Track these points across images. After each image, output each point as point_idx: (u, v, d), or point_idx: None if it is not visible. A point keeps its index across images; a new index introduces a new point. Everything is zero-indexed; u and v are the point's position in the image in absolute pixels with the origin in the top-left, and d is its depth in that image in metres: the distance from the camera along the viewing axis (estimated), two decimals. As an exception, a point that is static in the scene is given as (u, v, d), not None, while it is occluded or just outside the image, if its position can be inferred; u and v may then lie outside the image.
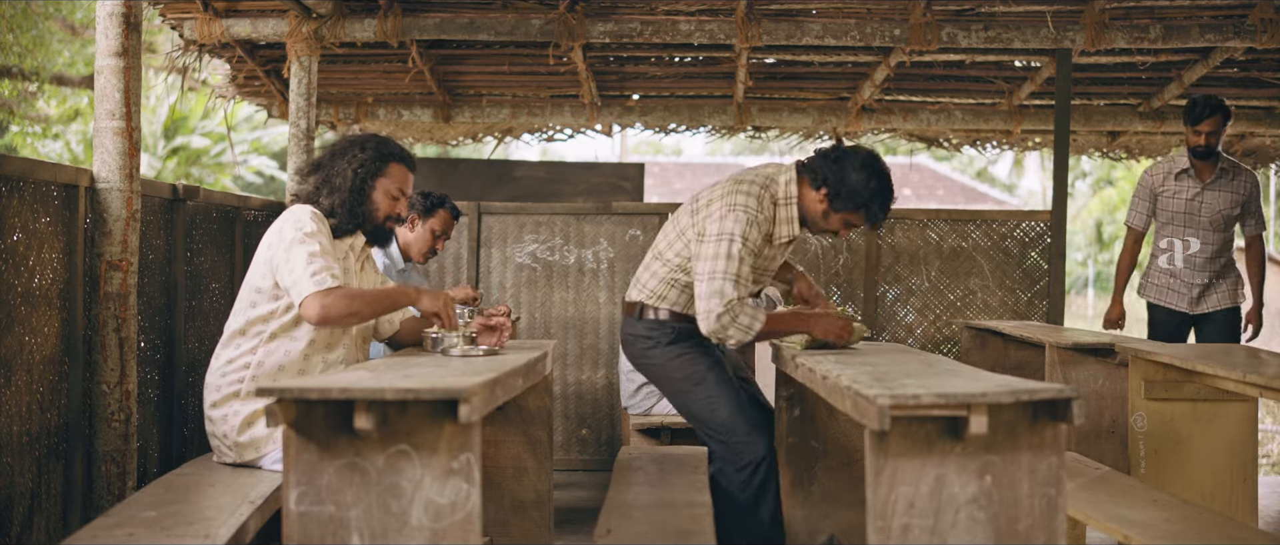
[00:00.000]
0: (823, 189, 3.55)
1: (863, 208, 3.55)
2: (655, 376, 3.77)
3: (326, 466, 2.37)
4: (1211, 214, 5.41)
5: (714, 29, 5.66)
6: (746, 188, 3.54)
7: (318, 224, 3.30)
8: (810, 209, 3.60)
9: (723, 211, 3.49)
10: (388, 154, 3.47)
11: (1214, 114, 5.27)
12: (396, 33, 5.53)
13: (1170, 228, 5.51)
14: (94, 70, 3.74)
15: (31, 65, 12.85)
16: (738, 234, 3.45)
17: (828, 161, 3.56)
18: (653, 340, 3.70)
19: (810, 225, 3.65)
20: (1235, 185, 5.42)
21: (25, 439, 3.23)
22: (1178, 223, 5.48)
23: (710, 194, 3.60)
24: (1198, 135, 5.30)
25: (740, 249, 3.44)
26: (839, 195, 3.53)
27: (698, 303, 3.48)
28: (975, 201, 23.96)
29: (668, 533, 3.06)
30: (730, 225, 3.46)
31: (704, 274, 3.46)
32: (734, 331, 3.45)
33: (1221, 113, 5.29)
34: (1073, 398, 2.30)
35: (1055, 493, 2.35)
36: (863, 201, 3.53)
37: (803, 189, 3.60)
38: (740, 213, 3.47)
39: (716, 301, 3.42)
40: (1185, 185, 5.45)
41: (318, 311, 3.13)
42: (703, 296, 3.46)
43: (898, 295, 6.76)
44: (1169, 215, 5.51)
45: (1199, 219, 5.42)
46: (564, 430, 6.69)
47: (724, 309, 3.42)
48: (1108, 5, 5.60)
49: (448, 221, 4.98)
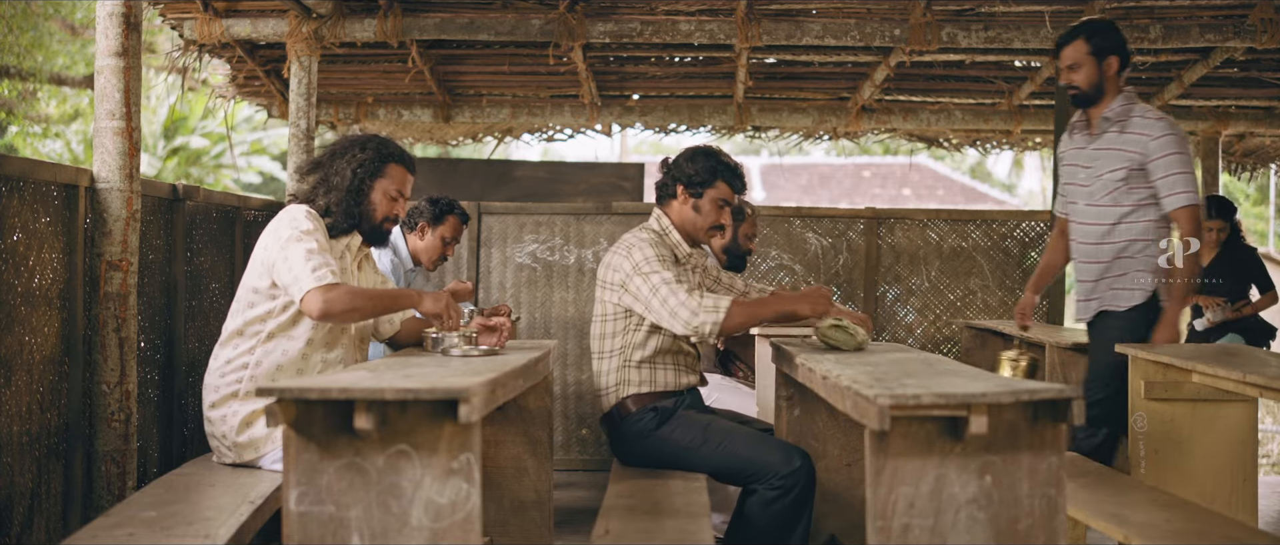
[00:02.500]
0: (678, 188, 3.77)
1: (716, 176, 3.75)
2: (666, 459, 3.73)
3: (326, 466, 2.37)
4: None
5: (714, 29, 5.66)
6: (629, 237, 3.75)
7: (313, 222, 3.30)
8: (685, 218, 3.79)
9: (623, 258, 3.67)
10: (387, 155, 3.47)
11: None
12: (396, 33, 5.53)
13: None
14: (94, 70, 3.74)
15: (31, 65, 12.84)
16: (649, 256, 3.62)
17: (666, 172, 3.82)
18: (642, 433, 3.72)
19: (697, 234, 3.81)
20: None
21: (25, 439, 3.23)
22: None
23: (607, 264, 3.75)
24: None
25: (659, 265, 3.60)
26: (692, 182, 3.75)
27: (662, 320, 3.55)
28: (975, 201, 23.95)
29: (667, 533, 3.06)
30: (638, 256, 3.63)
31: (649, 297, 3.57)
32: (704, 315, 3.48)
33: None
34: (1073, 398, 2.30)
35: (1055, 493, 2.35)
36: (712, 172, 3.75)
37: (668, 211, 3.82)
38: (640, 247, 3.66)
39: (674, 301, 3.52)
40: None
41: (320, 306, 3.13)
42: (662, 310, 3.54)
43: (898, 295, 6.76)
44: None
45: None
46: (564, 430, 6.69)
47: (683, 303, 3.50)
48: (1108, 5, 5.60)
49: (457, 227, 5.02)
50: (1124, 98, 4.10)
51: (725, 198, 3.78)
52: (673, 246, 3.77)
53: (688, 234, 3.81)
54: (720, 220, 3.80)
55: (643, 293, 3.58)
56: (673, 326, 3.53)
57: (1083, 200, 4.15)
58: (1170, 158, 3.96)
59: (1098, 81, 4.08)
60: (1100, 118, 4.10)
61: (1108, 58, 4.07)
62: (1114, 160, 4.04)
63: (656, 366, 3.73)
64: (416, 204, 4.96)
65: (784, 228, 6.88)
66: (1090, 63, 4.07)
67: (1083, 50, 4.07)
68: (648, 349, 3.70)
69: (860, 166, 24.57)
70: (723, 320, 3.48)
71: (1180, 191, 3.96)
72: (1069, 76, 4.11)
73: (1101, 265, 4.11)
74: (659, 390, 3.73)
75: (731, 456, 3.59)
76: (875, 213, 6.88)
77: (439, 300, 3.37)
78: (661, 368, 3.74)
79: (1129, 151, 4.01)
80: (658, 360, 3.72)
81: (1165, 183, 3.96)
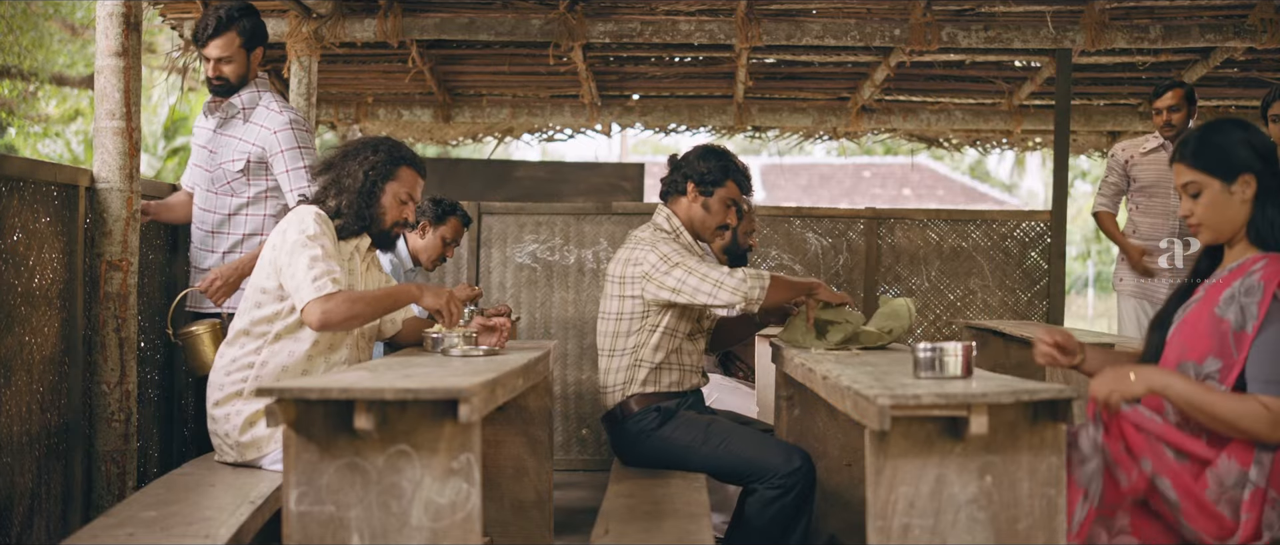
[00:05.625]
0: (689, 184, 3.78)
1: (727, 176, 3.77)
2: (667, 459, 3.74)
3: (326, 466, 2.37)
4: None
5: (714, 29, 5.66)
6: (645, 234, 3.74)
7: (321, 226, 3.29)
8: (693, 216, 3.80)
9: (647, 251, 3.66)
10: (399, 157, 3.47)
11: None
12: (396, 33, 5.53)
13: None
14: (94, 70, 3.74)
15: (31, 65, 12.85)
16: (668, 251, 3.63)
17: (675, 170, 3.81)
18: (644, 432, 3.73)
19: (704, 233, 3.83)
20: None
21: (25, 439, 3.23)
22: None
23: (623, 260, 3.73)
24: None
25: (681, 254, 3.61)
26: (704, 180, 3.75)
27: (704, 296, 3.57)
28: (975, 201, 23.95)
29: (667, 533, 3.06)
30: (664, 249, 3.63)
31: (684, 277, 3.58)
32: (751, 283, 3.53)
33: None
34: (1073, 398, 2.30)
35: (1055, 493, 2.35)
36: (724, 171, 3.76)
37: (676, 208, 3.81)
38: (663, 241, 3.66)
39: (716, 275, 3.55)
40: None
41: (319, 317, 3.15)
42: (706, 286, 3.56)
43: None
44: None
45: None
46: (564, 430, 6.69)
47: (728, 274, 3.54)
48: (1108, 5, 5.60)
49: (458, 229, 5.03)
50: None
51: (734, 198, 3.80)
52: (686, 247, 3.77)
53: (695, 232, 3.82)
54: (728, 220, 3.82)
55: (680, 278, 3.59)
56: (719, 298, 3.55)
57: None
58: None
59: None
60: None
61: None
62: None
63: (664, 369, 3.73)
64: (419, 204, 4.96)
65: (784, 228, 6.88)
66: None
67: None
68: (659, 352, 3.71)
69: (860, 166, 24.58)
70: (769, 285, 3.54)
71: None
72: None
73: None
74: (664, 391, 3.73)
75: (732, 456, 3.59)
76: (875, 213, 6.88)
77: (440, 295, 3.36)
78: (669, 370, 3.74)
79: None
80: (666, 362, 3.73)
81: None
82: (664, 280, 3.61)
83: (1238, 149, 2.57)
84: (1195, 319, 2.56)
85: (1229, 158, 2.57)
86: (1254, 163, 2.56)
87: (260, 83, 4.01)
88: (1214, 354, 2.47)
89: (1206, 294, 2.59)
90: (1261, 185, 2.56)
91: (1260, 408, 2.37)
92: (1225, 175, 2.57)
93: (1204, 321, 2.53)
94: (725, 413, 3.97)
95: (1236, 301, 2.48)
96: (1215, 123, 2.64)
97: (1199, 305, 2.58)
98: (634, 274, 3.67)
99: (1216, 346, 2.48)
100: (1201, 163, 2.60)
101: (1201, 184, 2.60)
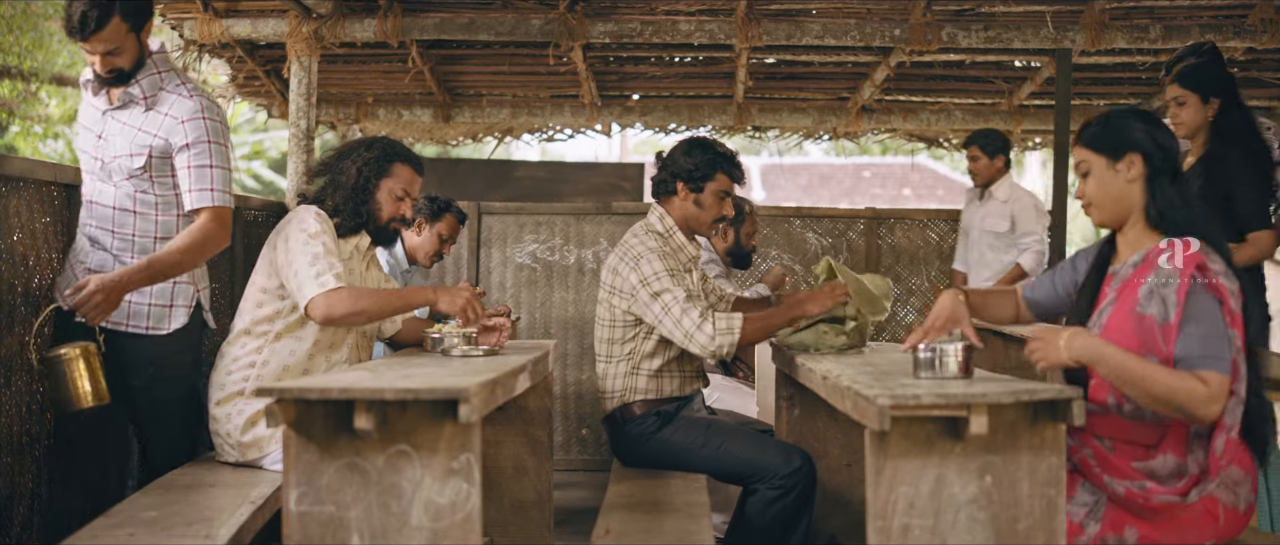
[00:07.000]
0: (678, 184, 3.72)
1: (715, 168, 3.71)
2: (667, 460, 3.74)
3: (326, 466, 2.37)
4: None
5: (714, 29, 5.66)
6: (635, 241, 3.68)
7: (321, 224, 3.30)
8: (687, 214, 3.75)
9: (631, 270, 3.60)
10: (393, 154, 3.48)
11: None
12: (396, 33, 5.53)
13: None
14: (94, 70, 3.71)
15: (31, 65, 12.84)
16: (658, 271, 3.56)
17: (663, 168, 3.76)
18: (644, 435, 3.72)
19: (701, 229, 3.78)
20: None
21: (25, 439, 3.23)
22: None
23: (612, 268, 3.70)
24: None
25: (670, 280, 3.54)
26: (691, 177, 3.70)
27: (676, 340, 3.52)
28: (975, 201, 23.90)
29: (667, 533, 3.06)
30: (646, 270, 3.57)
31: (661, 315, 3.53)
32: (721, 338, 3.46)
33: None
34: (1073, 398, 2.30)
35: (1055, 493, 2.35)
36: (711, 164, 3.71)
37: (670, 209, 3.76)
38: (649, 259, 3.59)
39: (689, 324, 3.48)
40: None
41: (323, 311, 3.15)
42: (677, 332, 3.50)
43: (897, 295, 6.76)
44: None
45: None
46: (564, 430, 6.69)
47: (700, 328, 3.46)
48: (1108, 5, 5.60)
49: (454, 226, 5.02)
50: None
51: (726, 189, 3.75)
52: (677, 249, 3.74)
53: (691, 230, 3.79)
54: (722, 212, 3.77)
55: (657, 315, 3.55)
56: (689, 347, 3.51)
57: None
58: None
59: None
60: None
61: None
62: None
63: (664, 376, 3.73)
64: (414, 202, 4.96)
65: (784, 228, 6.88)
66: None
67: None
68: (657, 359, 3.69)
69: (860, 166, 24.56)
70: (739, 340, 3.48)
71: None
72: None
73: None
74: (665, 397, 3.73)
75: (732, 457, 3.59)
76: (875, 213, 6.88)
77: (456, 298, 3.32)
78: (669, 376, 3.73)
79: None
80: (665, 368, 3.72)
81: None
82: (643, 311, 3.59)
83: (1129, 131, 2.61)
84: (1119, 321, 2.56)
85: (1116, 137, 2.62)
86: (1143, 143, 2.60)
87: (158, 60, 3.34)
88: (1143, 351, 2.48)
89: (1120, 294, 2.59)
90: (1151, 167, 2.60)
91: (1197, 382, 2.38)
92: (1111, 153, 2.61)
93: (1128, 322, 2.54)
94: (725, 413, 3.97)
95: (1156, 295, 2.50)
96: (1117, 109, 2.68)
97: (1117, 307, 2.58)
98: (621, 287, 3.66)
99: (1144, 343, 2.49)
100: (1089, 141, 2.65)
101: (1090, 163, 2.65)
